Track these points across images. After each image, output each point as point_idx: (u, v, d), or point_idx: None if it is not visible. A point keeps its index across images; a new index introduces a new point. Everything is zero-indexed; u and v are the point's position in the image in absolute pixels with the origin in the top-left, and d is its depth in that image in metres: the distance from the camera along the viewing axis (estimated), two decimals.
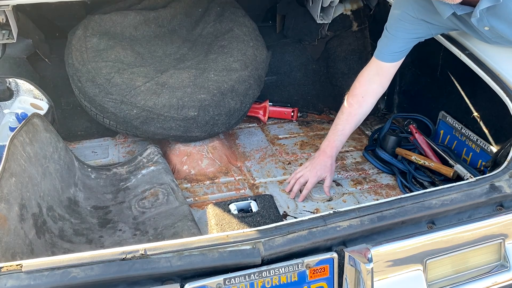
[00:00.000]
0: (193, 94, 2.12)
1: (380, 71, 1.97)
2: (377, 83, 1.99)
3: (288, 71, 2.83)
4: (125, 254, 1.14)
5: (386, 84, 2.01)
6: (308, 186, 1.99)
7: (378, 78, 1.98)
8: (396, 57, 1.93)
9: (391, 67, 1.96)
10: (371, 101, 2.02)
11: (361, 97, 1.99)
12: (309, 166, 2.02)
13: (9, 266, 1.10)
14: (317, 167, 2.00)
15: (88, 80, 2.13)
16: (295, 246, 1.24)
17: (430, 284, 1.35)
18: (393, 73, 1.98)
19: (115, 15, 2.40)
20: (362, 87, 2.00)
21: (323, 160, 2.00)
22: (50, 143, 1.87)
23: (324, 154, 2.02)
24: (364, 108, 2.01)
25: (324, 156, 2.01)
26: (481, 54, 1.88)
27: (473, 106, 2.05)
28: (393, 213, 1.34)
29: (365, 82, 2.00)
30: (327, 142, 2.04)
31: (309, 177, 1.99)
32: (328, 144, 2.03)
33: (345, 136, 2.03)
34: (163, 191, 1.92)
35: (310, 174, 1.99)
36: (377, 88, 2.00)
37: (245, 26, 2.47)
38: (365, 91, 1.99)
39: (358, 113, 2.01)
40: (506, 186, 1.45)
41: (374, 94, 2.01)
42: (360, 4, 2.72)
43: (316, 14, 2.64)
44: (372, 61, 1.99)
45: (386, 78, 1.99)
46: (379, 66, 1.96)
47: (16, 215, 1.46)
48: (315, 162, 2.02)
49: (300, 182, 2.00)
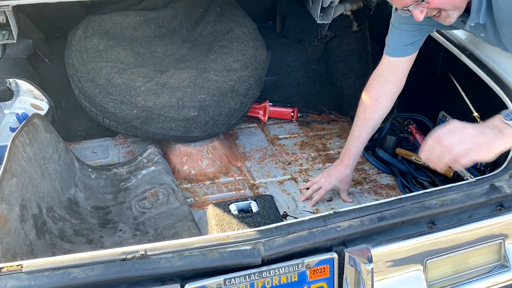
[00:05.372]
0: (193, 94, 2.12)
1: (393, 69, 1.86)
2: (391, 83, 1.88)
3: (288, 71, 2.83)
4: (125, 255, 1.14)
5: (401, 84, 1.89)
6: (321, 193, 1.96)
7: (391, 77, 1.87)
8: (408, 51, 1.82)
9: (404, 62, 1.84)
10: (387, 103, 1.91)
11: (375, 100, 1.89)
12: (326, 174, 2.00)
13: (9, 267, 1.10)
14: (332, 176, 1.97)
15: (88, 80, 2.13)
16: (295, 246, 1.24)
17: (430, 284, 1.35)
18: (407, 69, 1.86)
19: (115, 15, 2.40)
20: (375, 89, 1.90)
21: (339, 170, 1.96)
22: (50, 144, 1.88)
23: (341, 163, 1.97)
24: (379, 112, 1.91)
25: (341, 166, 1.97)
26: (481, 54, 1.88)
27: (473, 106, 2.05)
28: (393, 213, 1.34)
29: (378, 84, 1.90)
30: (345, 151, 1.97)
31: (323, 185, 1.97)
32: (345, 152, 1.97)
33: (362, 142, 1.94)
34: (163, 191, 1.93)
35: (324, 182, 1.97)
36: (392, 88, 1.89)
37: (245, 26, 2.47)
38: (378, 93, 1.89)
39: (373, 117, 1.91)
40: (506, 186, 1.45)
41: (388, 95, 1.90)
42: (360, 4, 2.72)
43: (316, 14, 2.64)
44: (383, 60, 1.88)
45: (400, 76, 1.87)
46: (391, 63, 1.86)
47: (17, 215, 1.46)
48: (332, 171, 1.99)
49: (313, 188, 1.99)
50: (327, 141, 2.49)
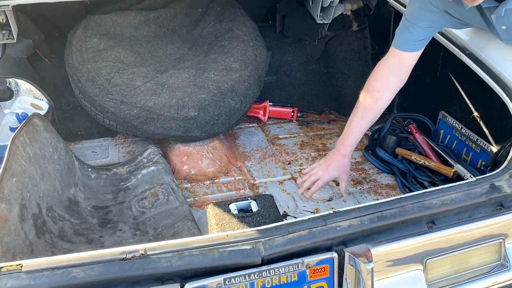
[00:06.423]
0: (193, 94, 2.12)
1: (400, 62, 1.85)
2: (396, 76, 1.87)
3: (288, 71, 2.83)
4: (125, 254, 1.14)
5: (405, 77, 1.89)
6: (318, 184, 1.94)
7: (397, 70, 1.86)
8: (418, 46, 1.81)
9: (411, 57, 1.84)
10: (388, 96, 1.90)
11: (377, 92, 1.88)
12: (323, 164, 1.97)
13: (9, 266, 1.10)
14: (330, 166, 1.94)
15: (88, 80, 2.13)
16: (295, 246, 1.24)
17: (430, 284, 1.35)
18: (412, 64, 1.86)
19: (115, 15, 2.41)
20: (378, 81, 1.88)
21: (336, 160, 1.94)
22: (50, 143, 1.88)
23: (337, 153, 1.95)
24: (380, 104, 1.90)
25: (337, 155, 1.95)
26: (481, 54, 1.88)
27: (473, 106, 2.05)
28: (393, 213, 1.33)
29: (382, 76, 1.88)
30: (341, 140, 1.96)
31: (321, 176, 1.94)
32: (342, 142, 1.95)
33: (360, 133, 1.93)
34: (163, 191, 1.93)
35: (322, 173, 1.95)
36: (396, 82, 1.88)
37: (245, 26, 2.47)
38: (381, 85, 1.88)
39: (373, 108, 1.90)
40: (506, 186, 1.45)
41: (392, 88, 1.89)
42: (360, 4, 2.72)
43: (316, 14, 2.64)
44: (390, 52, 1.87)
45: (405, 70, 1.86)
46: (399, 56, 1.84)
47: (17, 215, 1.46)
48: (329, 161, 1.96)
49: (311, 180, 1.96)
50: (327, 141, 2.49)
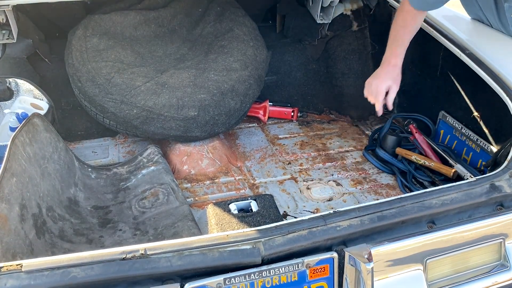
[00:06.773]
0: (193, 94, 2.12)
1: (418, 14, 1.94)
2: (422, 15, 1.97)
3: (288, 71, 2.83)
4: (125, 254, 1.14)
5: None
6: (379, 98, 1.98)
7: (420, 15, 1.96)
8: None
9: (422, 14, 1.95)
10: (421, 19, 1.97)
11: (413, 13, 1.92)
12: (378, 79, 1.99)
13: (9, 266, 1.10)
14: (387, 76, 1.97)
15: (88, 80, 2.13)
16: (295, 245, 1.24)
17: (430, 284, 1.35)
18: None
19: (115, 15, 2.40)
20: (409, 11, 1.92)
21: (390, 71, 1.97)
22: (50, 143, 1.88)
23: (388, 65, 1.98)
24: (418, 21, 1.95)
25: (389, 67, 1.97)
26: (481, 54, 1.88)
27: (473, 106, 2.05)
28: (393, 213, 1.33)
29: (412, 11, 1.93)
30: (390, 51, 1.98)
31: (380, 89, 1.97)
32: (391, 53, 1.98)
33: (404, 46, 1.97)
34: (163, 191, 1.93)
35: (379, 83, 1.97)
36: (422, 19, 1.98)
37: (245, 26, 2.47)
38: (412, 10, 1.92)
39: (412, 24, 1.95)
40: (506, 185, 1.45)
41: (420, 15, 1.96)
42: (360, 4, 2.72)
43: (316, 14, 2.64)
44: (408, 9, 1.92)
45: None
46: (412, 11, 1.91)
47: (17, 215, 1.46)
48: (381, 74, 1.99)
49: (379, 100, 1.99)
50: (327, 141, 2.49)
